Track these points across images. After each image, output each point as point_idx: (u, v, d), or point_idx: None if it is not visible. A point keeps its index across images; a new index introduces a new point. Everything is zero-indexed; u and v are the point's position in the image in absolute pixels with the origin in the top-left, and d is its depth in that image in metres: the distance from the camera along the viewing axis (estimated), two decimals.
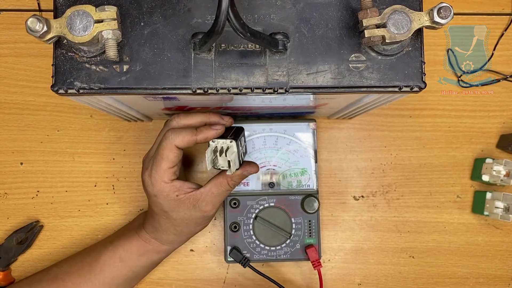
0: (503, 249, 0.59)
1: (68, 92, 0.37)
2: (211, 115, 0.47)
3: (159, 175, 0.45)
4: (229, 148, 0.44)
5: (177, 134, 0.44)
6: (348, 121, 0.60)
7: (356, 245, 0.59)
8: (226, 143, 0.44)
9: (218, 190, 0.47)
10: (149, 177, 0.46)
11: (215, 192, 0.47)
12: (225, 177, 0.47)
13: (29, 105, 0.58)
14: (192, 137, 0.44)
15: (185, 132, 0.44)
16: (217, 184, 0.47)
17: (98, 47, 0.36)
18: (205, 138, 0.44)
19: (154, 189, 0.46)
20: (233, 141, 0.44)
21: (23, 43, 0.58)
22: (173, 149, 0.44)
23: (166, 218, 0.47)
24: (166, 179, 0.45)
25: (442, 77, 0.61)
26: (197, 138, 0.44)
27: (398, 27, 0.35)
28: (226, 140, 0.44)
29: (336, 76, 0.37)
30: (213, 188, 0.47)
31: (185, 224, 0.48)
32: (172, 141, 0.44)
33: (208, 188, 0.47)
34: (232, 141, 0.44)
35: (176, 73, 0.37)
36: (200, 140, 0.44)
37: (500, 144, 0.60)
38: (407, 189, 0.60)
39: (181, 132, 0.44)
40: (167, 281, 0.58)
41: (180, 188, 0.46)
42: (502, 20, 0.61)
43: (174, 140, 0.44)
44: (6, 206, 0.57)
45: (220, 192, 0.47)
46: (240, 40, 0.37)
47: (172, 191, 0.45)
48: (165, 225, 0.48)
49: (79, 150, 0.58)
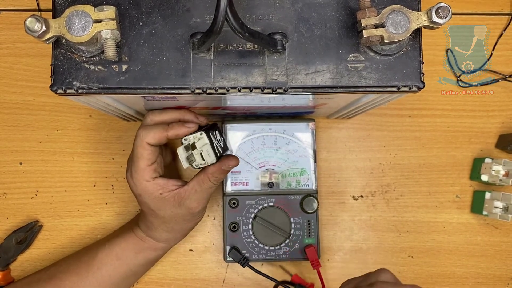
0: (502, 249, 0.59)
1: (67, 92, 0.37)
2: (186, 113, 0.46)
3: (139, 174, 0.45)
4: (199, 140, 0.44)
5: (148, 131, 0.44)
6: (347, 121, 0.60)
7: (355, 245, 0.59)
8: (196, 136, 0.44)
9: (201, 187, 0.46)
10: (130, 177, 0.46)
11: (198, 189, 0.46)
12: (206, 174, 0.46)
13: (28, 105, 0.58)
14: (162, 133, 0.44)
15: (156, 129, 0.44)
16: (199, 181, 0.46)
17: (97, 47, 0.36)
18: (176, 135, 0.44)
19: (138, 189, 0.46)
20: (203, 132, 0.44)
21: (22, 43, 0.58)
22: (146, 147, 0.44)
23: (155, 216, 0.48)
24: (147, 177, 0.45)
25: (441, 77, 0.61)
26: (168, 134, 0.44)
27: (396, 27, 0.35)
28: (196, 133, 0.44)
29: (335, 76, 0.37)
30: (195, 185, 0.46)
31: (175, 221, 0.48)
32: (143, 138, 0.44)
33: (191, 186, 0.46)
34: (202, 133, 0.44)
35: (175, 73, 0.37)
36: (171, 136, 0.44)
37: (499, 144, 0.60)
38: (406, 189, 0.60)
39: (152, 129, 0.44)
40: (166, 280, 0.58)
41: (164, 186, 0.46)
42: (502, 20, 0.61)
43: (145, 137, 0.44)
44: (5, 206, 0.57)
45: (203, 189, 0.46)
46: (239, 40, 0.37)
47: (156, 189, 0.45)
48: (155, 223, 0.49)
49: (78, 150, 0.58)
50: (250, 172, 0.55)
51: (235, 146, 0.55)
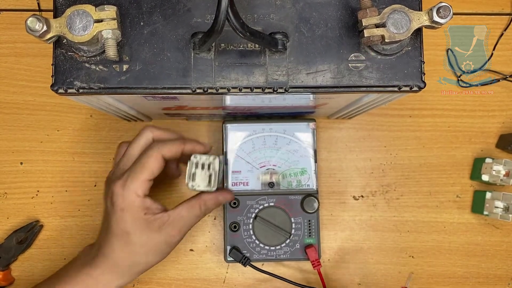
0: (502, 249, 0.59)
1: (67, 92, 0.37)
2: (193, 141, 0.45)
3: (134, 185, 0.42)
4: (210, 163, 0.43)
5: (164, 143, 0.43)
6: (348, 121, 0.60)
7: (355, 244, 0.59)
8: (209, 159, 0.43)
9: (188, 213, 0.44)
10: (121, 187, 0.42)
11: (185, 215, 0.44)
12: (199, 200, 0.45)
13: (29, 105, 0.58)
14: (180, 147, 0.43)
15: (173, 142, 0.43)
16: (188, 206, 0.44)
17: (97, 46, 0.36)
18: (191, 150, 0.44)
19: (124, 202, 0.42)
20: (217, 157, 0.43)
21: (23, 43, 0.58)
22: (159, 159, 0.42)
23: (125, 243, 0.43)
24: (140, 192, 0.42)
25: (442, 77, 0.61)
26: (185, 147, 0.44)
27: (397, 26, 0.35)
28: (210, 156, 0.43)
29: (336, 76, 0.37)
30: (183, 210, 0.44)
31: (144, 253, 0.44)
32: (160, 150, 0.42)
33: (178, 211, 0.44)
34: (215, 157, 0.43)
35: (176, 73, 0.37)
36: (187, 150, 0.44)
37: (499, 144, 0.60)
38: (406, 189, 0.60)
39: (168, 142, 0.43)
40: (166, 280, 0.58)
41: (150, 207, 0.43)
42: (502, 20, 0.61)
43: (162, 149, 0.43)
44: (6, 206, 0.57)
45: (190, 216, 0.44)
46: (240, 40, 0.37)
47: (142, 208, 0.42)
48: (119, 253, 0.44)
49: (79, 150, 0.58)
50: (250, 172, 0.55)
51: (235, 146, 0.55)
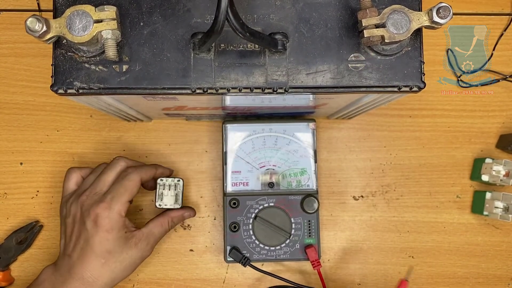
0: (502, 249, 0.59)
1: (67, 92, 0.37)
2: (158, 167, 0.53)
3: (118, 206, 0.47)
4: (175, 184, 0.52)
5: (141, 168, 0.50)
6: (348, 121, 0.60)
7: (355, 245, 0.59)
8: (174, 180, 0.52)
9: (158, 230, 0.51)
10: (107, 209, 0.46)
11: (155, 231, 0.50)
12: (166, 217, 0.51)
13: (29, 105, 0.58)
14: (153, 171, 0.51)
15: (148, 167, 0.51)
16: (158, 224, 0.51)
17: (97, 47, 0.36)
18: (161, 173, 0.53)
19: (110, 222, 0.46)
20: (180, 179, 0.53)
21: (23, 43, 0.58)
22: (138, 182, 0.49)
23: (106, 261, 0.46)
24: (122, 212, 0.47)
25: (442, 77, 0.61)
26: (157, 171, 0.52)
27: (397, 27, 0.35)
28: (174, 178, 0.53)
29: (336, 76, 0.37)
30: (154, 228, 0.50)
31: (123, 269, 0.48)
32: (139, 173, 0.49)
33: (150, 228, 0.50)
34: (179, 179, 0.53)
35: (176, 73, 0.37)
36: (159, 174, 0.52)
37: (499, 144, 0.60)
38: (406, 189, 0.60)
39: (144, 167, 0.51)
40: (166, 281, 0.58)
41: (128, 225, 0.48)
42: (502, 20, 0.61)
43: (141, 173, 0.49)
44: (5, 206, 0.57)
45: (160, 231, 0.51)
46: (240, 40, 0.37)
47: (123, 227, 0.47)
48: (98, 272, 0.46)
49: (79, 150, 0.58)
50: (250, 172, 0.55)
51: (235, 146, 0.55)
